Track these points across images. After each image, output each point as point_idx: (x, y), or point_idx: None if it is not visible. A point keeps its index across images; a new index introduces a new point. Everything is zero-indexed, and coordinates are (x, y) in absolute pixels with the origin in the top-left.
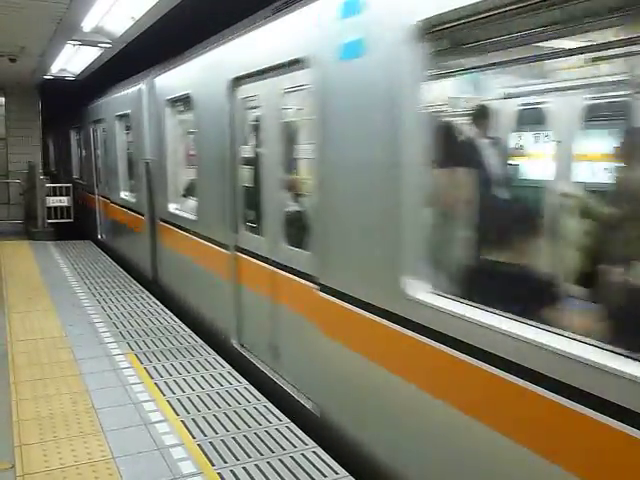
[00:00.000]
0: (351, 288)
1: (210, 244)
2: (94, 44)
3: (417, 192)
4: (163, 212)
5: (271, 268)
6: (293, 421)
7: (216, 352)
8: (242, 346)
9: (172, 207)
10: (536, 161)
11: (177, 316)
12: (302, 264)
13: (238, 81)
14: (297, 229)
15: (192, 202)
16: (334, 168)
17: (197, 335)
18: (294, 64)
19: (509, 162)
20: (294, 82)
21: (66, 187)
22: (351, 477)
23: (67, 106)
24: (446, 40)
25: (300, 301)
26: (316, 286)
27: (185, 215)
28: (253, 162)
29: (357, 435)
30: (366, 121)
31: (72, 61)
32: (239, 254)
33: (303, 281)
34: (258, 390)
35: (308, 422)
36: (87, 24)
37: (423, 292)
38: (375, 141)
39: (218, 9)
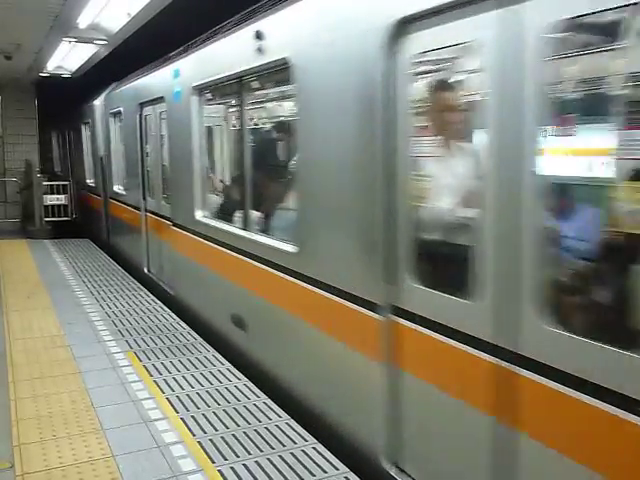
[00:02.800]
0: (180, 221)
1: (131, 208)
2: (90, 41)
3: (199, 175)
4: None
5: (157, 217)
6: (161, 300)
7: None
8: (149, 271)
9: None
10: None
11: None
12: (169, 213)
13: (142, 105)
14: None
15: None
16: (176, 160)
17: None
18: (160, 99)
19: None
20: (163, 109)
21: (63, 185)
22: (352, 473)
23: (69, 102)
24: (209, 93)
25: (167, 234)
26: (170, 223)
27: (120, 191)
28: (150, 154)
29: (188, 299)
30: (183, 134)
31: (68, 58)
32: (147, 213)
33: (168, 222)
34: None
35: (168, 300)
36: (83, 21)
37: (201, 217)
38: (185, 146)
39: (213, 6)
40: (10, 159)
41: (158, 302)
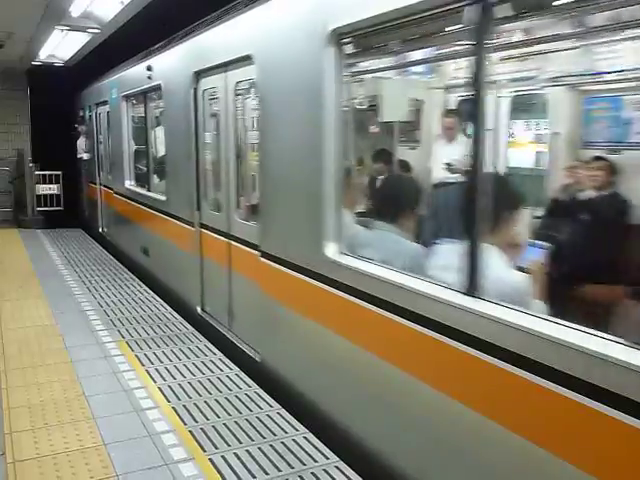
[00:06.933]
0: (114, 186)
1: (92, 184)
2: (83, 29)
3: (127, 156)
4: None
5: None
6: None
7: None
8: (103, 231)
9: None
10: None
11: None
12: (111, 184)
13: (97, 105)
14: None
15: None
16: (114, 145)
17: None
18: (105, 102)
19: None
20: (107, 110)
21: (55, 175)
22: (342, 462)
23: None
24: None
25: (108, 198)
26: (111, 190)
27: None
28: (102, 142)
29: (121, 244)
30: (117, 127)
31: (61, 47)
32: (102, 187)
33: (105, 188)
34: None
35: (103, 242)
36: (75, 9)
37: (128, 184)
38: (119, 136)
39: None
40: (2, 148)
41: (150, 292)
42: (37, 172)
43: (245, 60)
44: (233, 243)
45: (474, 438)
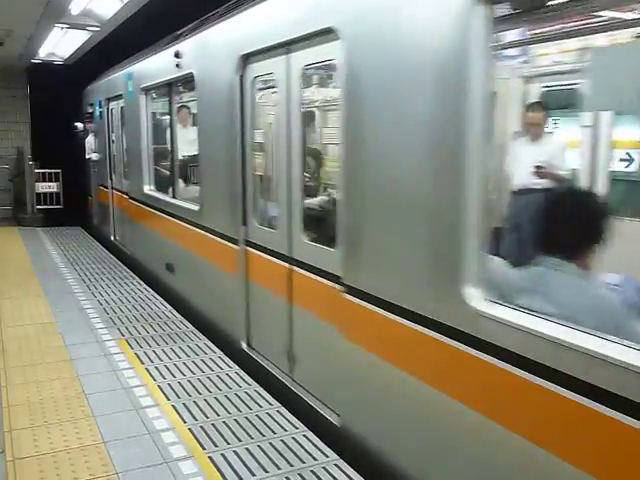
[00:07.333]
0: (129, 191)
1: (102, 188)
2: (82, 27)
3: (146, 158)
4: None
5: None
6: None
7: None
8: (116, 239)
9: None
10: None
11: None
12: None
13: (108, 100)
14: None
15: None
16: (129, 143)
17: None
18: (120, 96)
19: None
20: (122, 104)
21: (55, 173)
22: (342, 461)
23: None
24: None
25: (122, 204)
26: (125, 195)
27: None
28: (114, 141)
29: (136, 255)
30: (134, 125)
31: (60, 45)
32: (114, 191)
33: (118, 193)
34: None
35: (116, 250)
36: (75, 7)
37: (147, 189)
38: (135, 133)
39: None
40: (1, 146)
41: (150, 290)
42: (37, 170)
43: (322, 35)
44: (296, 269)
45: None
